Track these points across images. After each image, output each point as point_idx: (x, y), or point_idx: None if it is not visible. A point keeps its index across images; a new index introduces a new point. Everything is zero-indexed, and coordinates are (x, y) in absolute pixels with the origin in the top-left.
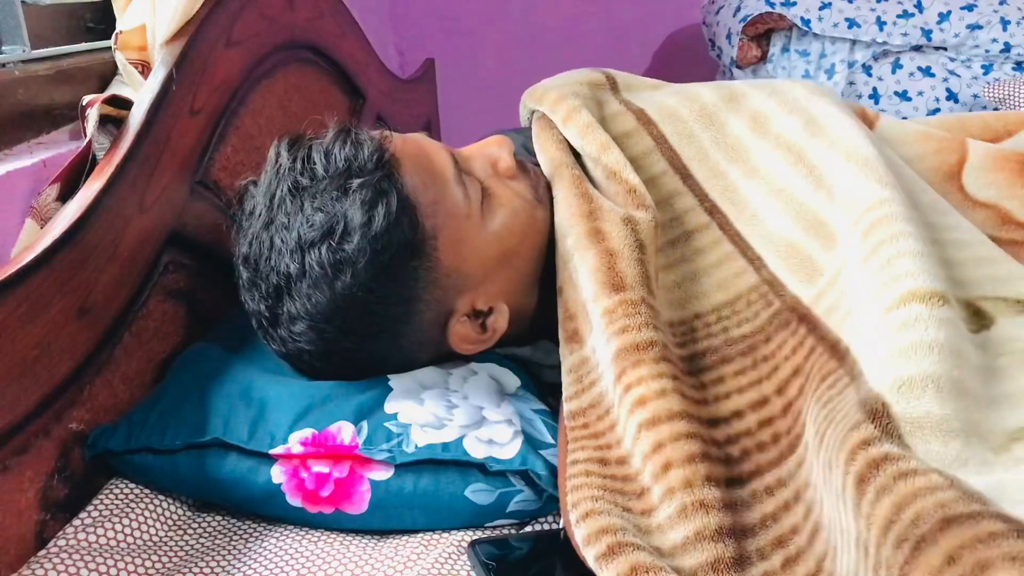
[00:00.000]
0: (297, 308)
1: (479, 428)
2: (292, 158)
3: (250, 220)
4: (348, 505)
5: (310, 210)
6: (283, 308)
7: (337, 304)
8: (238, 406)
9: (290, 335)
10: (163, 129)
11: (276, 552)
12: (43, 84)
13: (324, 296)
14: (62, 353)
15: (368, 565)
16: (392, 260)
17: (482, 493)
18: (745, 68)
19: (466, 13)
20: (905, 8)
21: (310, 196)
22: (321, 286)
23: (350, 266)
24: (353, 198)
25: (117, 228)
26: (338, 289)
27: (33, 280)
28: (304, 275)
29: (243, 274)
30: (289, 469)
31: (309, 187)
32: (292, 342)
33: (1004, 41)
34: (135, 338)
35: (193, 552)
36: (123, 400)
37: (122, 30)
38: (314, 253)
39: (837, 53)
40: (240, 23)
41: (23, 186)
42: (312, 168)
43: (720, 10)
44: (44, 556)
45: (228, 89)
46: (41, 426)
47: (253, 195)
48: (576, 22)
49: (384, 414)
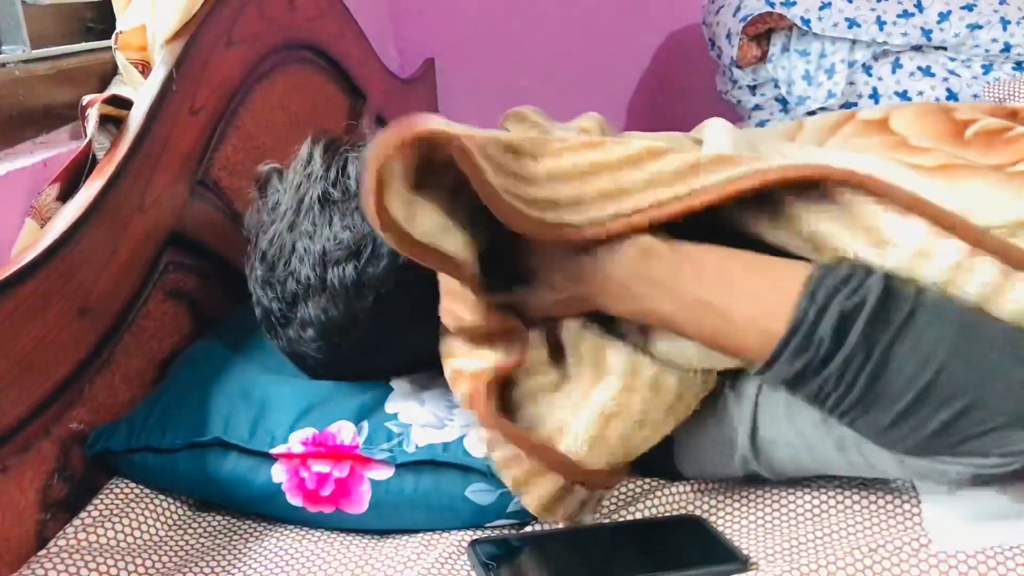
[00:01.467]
0: (311, 316)
1: (479, 428)
2: (326, 165)
3: (272, 215)
4: (348, 505)
5: (339, 226)
6: (296, 313)
7: (352, 322)
8: (239, 405)
9: (299, 338)
10: (163, 129)
11: (276, 552)
12: (43, 84)
13: (340, 313)
14: (62, 353)
15: (368, 565)
16: (414, 288)
17: (482, 493)
18: (745, 68)
19: (466, 13)
20: (905, 8)
21: (340, 211)
22: (339, 303)
23: (372, 290)
24: None
25: (117, 228)
26: (356, 309)
27: (33, 280)
28: (324, 289)
29: (258, 269)
30: (290, 468)
31: (340, 201)
32: (299, 344)
33: (1004, 41)
34: (135, 338)
35: (193, 552)
36: (123, 400)
37: (122, 30)
38: (337, 270)
39: (837, 53)
40: (240, 23)
41: (23, 186)
42: (346, 183)
43: (720, 10)
44: (44, 556)
45: (228, 89)
46: (41, 426)
47: (278, 189)
48: (576, 22)
49: (385, 414)
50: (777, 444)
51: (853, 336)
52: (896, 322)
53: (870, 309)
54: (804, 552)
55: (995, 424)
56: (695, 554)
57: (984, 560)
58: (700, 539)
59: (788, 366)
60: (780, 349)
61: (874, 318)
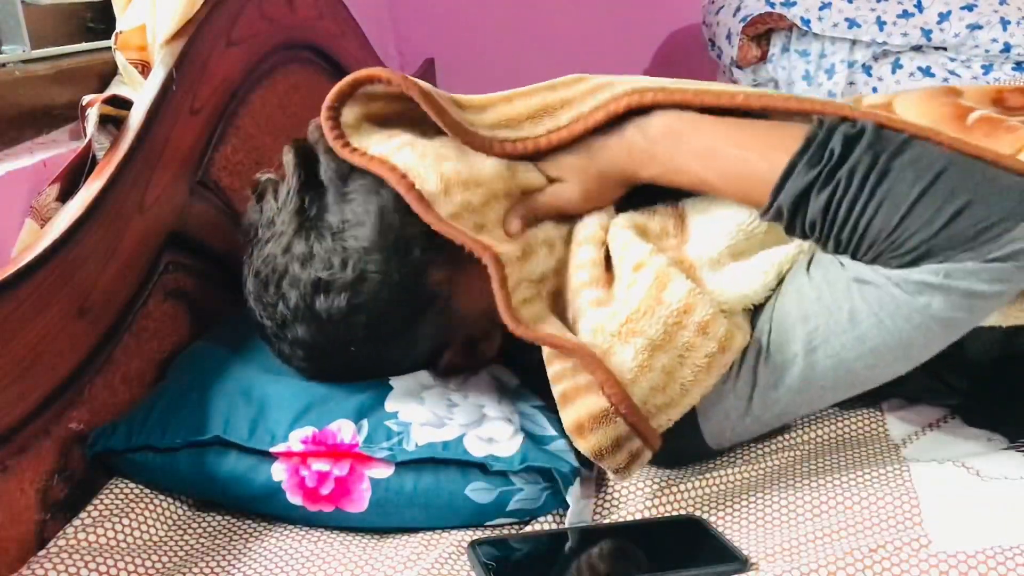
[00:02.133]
0: (301, 339)
1: (479, 426)
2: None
3: (266, 231)
4: (348, 503)
5: (329, 250)
6: (287, 334)
7: (342, 348)
8: (238, 404)
9: (292, 354)
10: (163, 129)
11: (276, 552)
12: (43, 84)
13: (329, 339)
14: (62, 353)
15: (368, 565)
16: (403, 309)
17: (482, 492)
18: (745, 68)
19: (466, 13)
20: (905, 8)
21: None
22: (328, 331)
23: (363, 313)
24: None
25: (117, 228)
26: (342, 331)
27: (33, 280)
28: (313, 316)
29: (250, 285)
30: (290, 467)
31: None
32: (291, 360)
33: (1004, 41)
34: (135, 338)
35: (193, 552)
36: (123, 400)
37: (122, 30)
38: (328, 300)
39: (837, 53)
40: (240, 23)
41: (23, 186)
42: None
43: (720, 10)
44: (44, 556)
45: (228, 89)
46: (41, 426)
47: (272, 206)
48: (576, 22)
49: (384, 412)
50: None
51: (859, 148)
52: (896, 142)
53: (871, 133)
54: (804, 552)
55: (996, 218)
56: (695, 554)
57: (984, 560)
58: (700, 539)
59: (802, 176)
60: (795, 160)
61: (876, 140)
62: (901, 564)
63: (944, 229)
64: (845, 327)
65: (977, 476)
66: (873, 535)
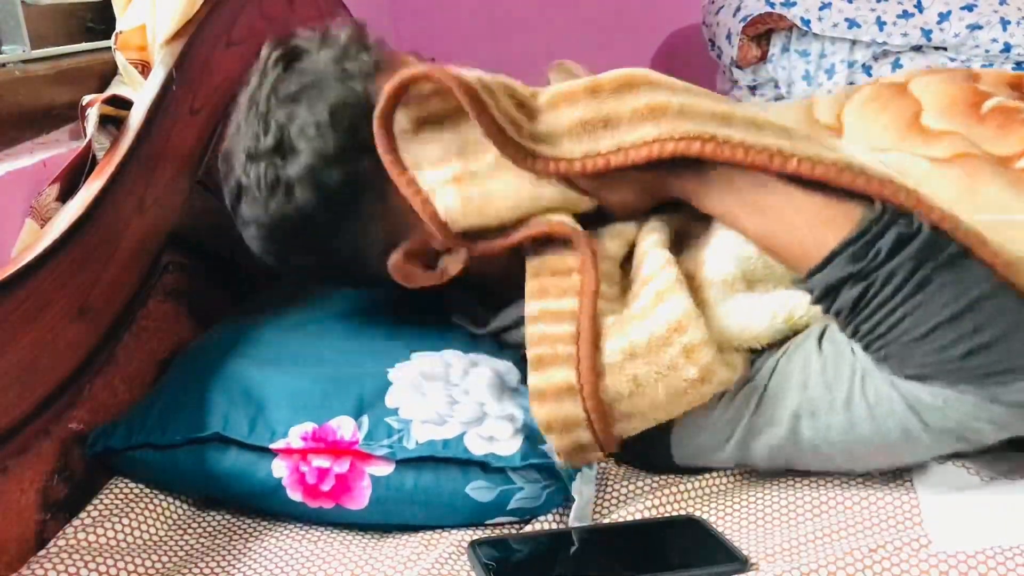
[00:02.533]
0: (247, 217)
1: (480, 424)
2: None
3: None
4: (349, 500)
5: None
6: (238, 214)
7: (282, 222)
8: (238, 401)
9: (249, 238)
10: (163, 129)
11: (276, 552)
12: (43, 84)
13: (267, 214)
14: (62, 353)
15: (368, 565)
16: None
17: (483, 490)
18: (745, 68)
19: (467, 13)
20: (905, 8)
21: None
22: (265, 203)
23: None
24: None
25: (117, 228)
26: (283, 209)
27: (33, 280)
28: (248, 188)
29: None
30: (290, 463)
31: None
32: (252, 245)
33: (1004, 41)
34: (135, 338)
35: (193, 552)
36: (123, 400)
37: (122, 30)
38: (257, 168)
39: (837, 53)
40: (240, 23)
41: (23, 186)
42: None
43: (720, 10)
44: (44, 556)
45: (228, 89)
46: (41, 426)
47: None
48: (576, 22)
49: (385, 408)
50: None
51: (907, 252)
52: (945, 254)
53: (925, 237)
54: (804, 552)
55: (1013, 364)
56: (695, 554)
57: (984, 560)
58: (700, 539)
59: (842, 267)
60: (841, 249)
61: (927, 246)
62: (901, 564)
63: (959, 360)
64: (838, 409)
65: (977, 476)
66: (873, 535)
